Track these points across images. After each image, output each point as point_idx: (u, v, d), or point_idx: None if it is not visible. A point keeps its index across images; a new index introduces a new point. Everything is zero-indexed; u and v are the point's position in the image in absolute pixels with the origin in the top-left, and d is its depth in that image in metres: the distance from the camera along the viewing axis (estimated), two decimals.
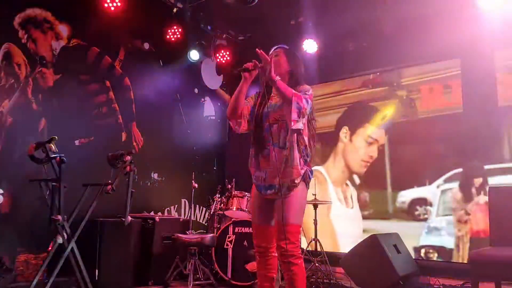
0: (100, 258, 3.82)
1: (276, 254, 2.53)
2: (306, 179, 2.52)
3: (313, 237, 4.64)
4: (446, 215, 4.62)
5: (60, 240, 3.16)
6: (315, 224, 4.67)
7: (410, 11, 4.52)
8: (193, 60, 5.46)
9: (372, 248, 3.95)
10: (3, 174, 3.73)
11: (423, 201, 4.80)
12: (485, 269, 2.78)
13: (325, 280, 4.22)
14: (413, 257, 4.34)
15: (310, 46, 5.21)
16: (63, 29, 4.37)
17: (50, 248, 3.14)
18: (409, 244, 4.43)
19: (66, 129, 4.25)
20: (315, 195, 4.63)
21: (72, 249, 3.21)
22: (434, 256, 4.63)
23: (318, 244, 4.59)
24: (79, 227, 3.28)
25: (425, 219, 4.75)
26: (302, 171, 2.48)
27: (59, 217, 3.13)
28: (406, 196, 4.94)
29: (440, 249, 4.63)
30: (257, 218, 2.59)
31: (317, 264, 4.38)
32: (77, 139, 4.40)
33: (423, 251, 4.73)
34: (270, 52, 2.65)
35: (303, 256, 4.35)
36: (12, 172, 3.78)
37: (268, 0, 4.62)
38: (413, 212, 4.86)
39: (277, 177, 2.45)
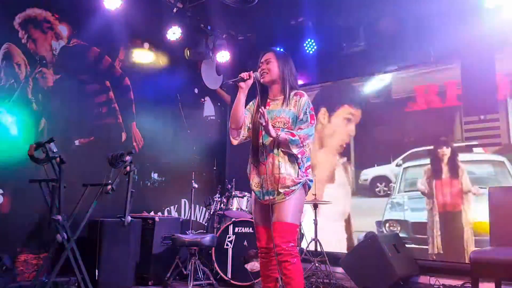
0: (100, 258, 3.82)
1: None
2: (304, 187, 2.55)
3: (313, 237, 4.64)
4: (408, 191, 4.88)
5: (60, 240, 3.16)
6: (315, 224, 4.68)
7: (410, 11, 4.52)
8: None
9: (372, 248, 3.95)
10: (3, 174, 3.73)
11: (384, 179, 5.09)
12: (485, 269, 2.78)
13: (325, 280, 4.22)
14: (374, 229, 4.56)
15: (310, 46, 5.21)
16: (63, 29, 4.37)
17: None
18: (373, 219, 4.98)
19: (66, 129, 4.26)
20: (315, 195, 4.63)
21: (72, 249, 3.21)
22: (397, 229, 4.84)
23: (318, 244, 4.59)
24: (79, 227, 3.28)
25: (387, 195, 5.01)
26: (301, 180, 2.50)
27: (59, 217, 3.13)
28: (368, 174, 5.22)
29: (402, 223, 4.85)
30: (259, 220, 2.61)
31: (317, 264, 4.38)
32: (77, 139, 4.40)
33: (387, 225, 4.96)
34: (261, 56, 2.67)
35: (303, 256, 4.40)
36: (12, 172, 3.77)
37: (268, 0, 4.61)
38: (373, 189, 5.15)
39: (273, 183, 2.48)
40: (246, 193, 4.52)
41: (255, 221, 2.66)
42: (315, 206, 4.67)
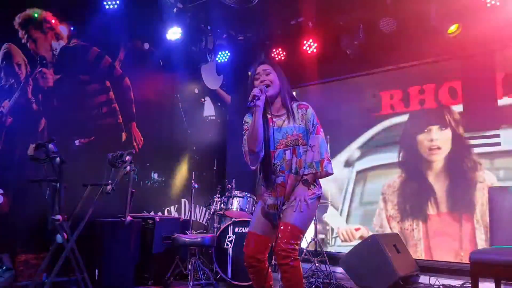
0: (100, 258, 3.82)
1: (267, 264, 2.51)
2: (318, 199, 2.49)
3: (313, 237, 4.64)
4: None
5: (60, 240, 3.16)
6: (315, 224, 4.68)
7: (410, 10, 4.52)
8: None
9: (372, 248, 3.95)
10: (3, 174, 3.73)
11: None
12: (485, 269, 2.77)
13: (325, 280, 4.22)
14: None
15: (310, 46, 5.21)
16: (63, 29, 4.37)
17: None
18: None
19: (66, 129, 4.26)
20: None
21: (72, 249, 3.21)
22: None
23: (318, 244, 4.59)
24: (79, 227, 3.28)
25: None
26: (316, 193, 2.45)
27: (59, 217, 3.13)
28: None
29: None
30: (257, 226, 2.52)
31: (317, 264, 4.38)
32: (77, 139, 4.40)
33: None
34: (255, 67, 2.56)
35: (303, 256, 4.40)
36: (12, 172, 3.77)
37: (268, 0, 4.61)
38: None
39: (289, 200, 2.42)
40: (246, 193, 4.52)
41: (251, 225, 2.55)
42: None
